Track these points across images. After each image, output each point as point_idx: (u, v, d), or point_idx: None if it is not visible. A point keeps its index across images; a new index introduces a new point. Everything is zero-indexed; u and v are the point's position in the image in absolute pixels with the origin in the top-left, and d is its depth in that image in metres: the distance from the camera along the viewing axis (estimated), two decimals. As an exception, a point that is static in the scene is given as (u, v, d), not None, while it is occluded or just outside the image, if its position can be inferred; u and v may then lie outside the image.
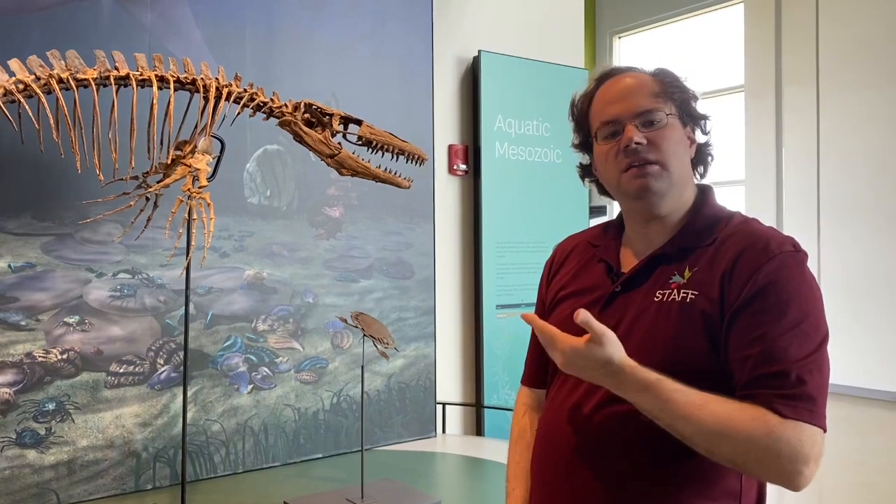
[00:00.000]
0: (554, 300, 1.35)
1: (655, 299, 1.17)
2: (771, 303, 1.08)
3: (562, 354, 1.07)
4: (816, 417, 1.04)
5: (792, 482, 1.03)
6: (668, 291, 1.16)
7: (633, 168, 1.18)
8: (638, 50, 5.87)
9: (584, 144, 1.32)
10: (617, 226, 1.34)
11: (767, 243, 1.12)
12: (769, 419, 1.03)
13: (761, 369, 1.06)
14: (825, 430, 1.05)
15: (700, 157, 1.27)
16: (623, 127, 1.19)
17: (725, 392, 1.08)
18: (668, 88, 1.21)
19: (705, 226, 1.20)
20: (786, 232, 1.18)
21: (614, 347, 1.06)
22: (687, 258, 1.18)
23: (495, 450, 2.72)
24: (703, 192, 1.26)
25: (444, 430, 3.01)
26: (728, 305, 1.11)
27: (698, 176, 1.28)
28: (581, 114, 1.29)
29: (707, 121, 1.26)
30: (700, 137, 1.26)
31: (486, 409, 3.24)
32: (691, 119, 1.24)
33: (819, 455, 1.04)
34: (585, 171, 1.36)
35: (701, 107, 1.25)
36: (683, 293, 1.14)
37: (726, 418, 1.04)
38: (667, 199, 1.21)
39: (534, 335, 1.46)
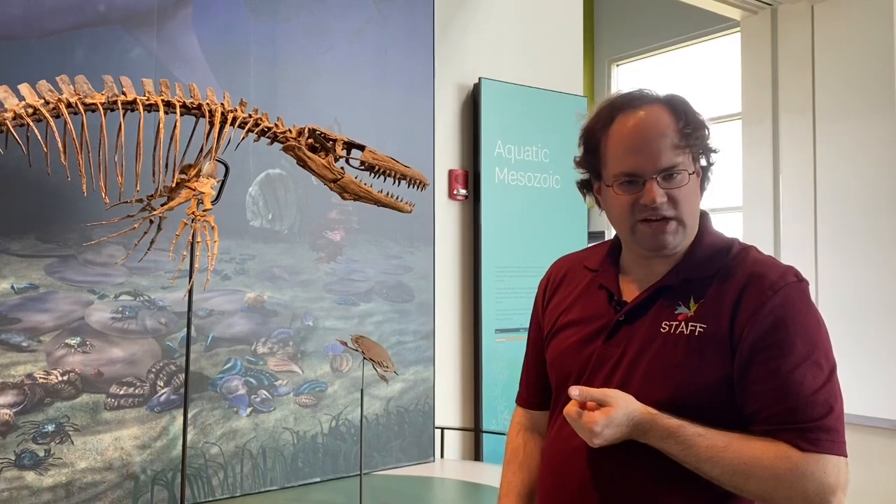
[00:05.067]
0: (554, 327, 1.33)
1: (662, 330, 1.16)
2: (780, 337, 1.09)
3: (591, 433, 1.08)
4: (837, 447, 1.06)
5: None
6: (675, 323, 1.16)
7: (650, 221, 1.16)
8: (636, 77, 5.94)
9: (590, 167, 1.26)
10: (613, 250, 1.31)
11: (771, 276, 1.13)
12: (791, 455, 1.04)
13: (778, 405, 1.07)
14: (846, 457, 1.07)
15: (702, 180, 1.24)
16: (643, 181, 1.14)
17: (733, 426, 1.09)
18: (691, 137, 1.16)
19: (706, 256, 1.20)
20: (783, 258, 1.19)
21: (626, 400, 1.08)
22: (691, 289, 1.17)
23: (494, 475, 2.70)
24: (702, 220, 1.25)
25: (442, 455, 3.00)
26: (736, 340, 1.11)
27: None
28: (594, 142, 1.22)
29: (716, 152, 1.23)
30: (703, 162, 1.23)
31: (484, 434, 3.23)
32: (704, 155, 1.21)
33: (846, 483, 1.06)
34: (587, 186, 1.30)
35: (713, 139, 1.21)
36: (692, 326, 1.14)
37: (750, 458, 1.05)
38: (682, 245, 1.20)
39: (528, 355, 1.46)
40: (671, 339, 1.15)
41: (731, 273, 1.16)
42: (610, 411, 1.07)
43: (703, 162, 1.22)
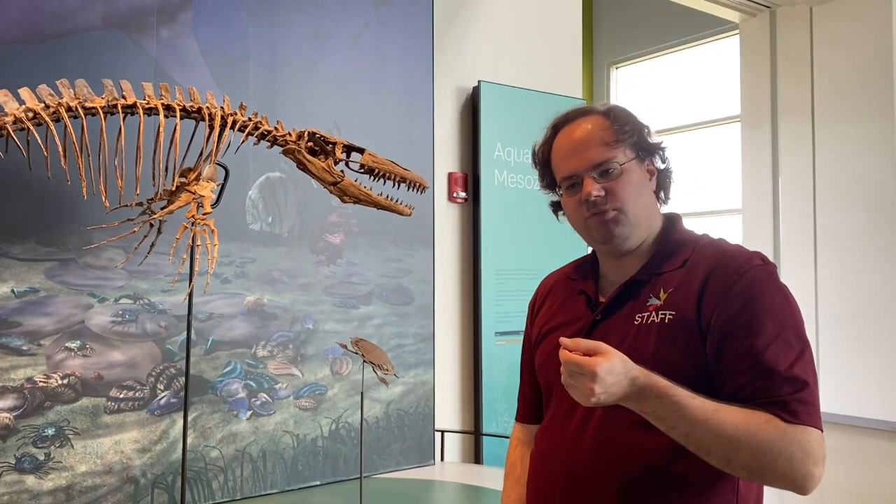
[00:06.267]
0: (539, 335, 1.39)
1: (636, 322, 1.20)
2: (750, 318, 1.11)
3: (592, 376, 1.00)
4: (816, 419, 1.07)
5: (804, 485, 1.05)
6: (646, 314, 1.20)
7: (595, 217, 1.25)
8: (634, 80, 5.94)
9: (552, 186, 1.37)
10: (592, 260, 1.39)
11: (736, 261, 1.17)
12: (777, 423, 1.06)
13: (754, 383, 1.09)
14: (823, 432, 1.09)
15: (660, 182, 1.32)
16: (581, 180, 1.24)
17: None
18: (620, 133, 1.25)
19: (674, 250, 1.25)
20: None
21: (620, 354, 1.05)
22: (660, 281, 1.22)
23: (494, 478, 2.71)
24: (671, 221, 1.31)
25: (442, 458, 3.00)
26: (705, 323, 1.14)
27: (662, 200, 1.33)
28: (544, 161, 1.34)
29: (664, 150, 1.31)
30: (659, 164, 1.31)
31: (484, 437, 3.23)
32: (648, 153, 1.29)
33: (825, 456, 1.07)
34: (557, 207, 1.41)
35: (655, 137, 1.30)
36: (662, 314, 1.18)
37: (742, 422, 1.05)
38: (632, 238, 1.26)
39: (523, 372, 1.50)
40: (644, 328, 1.19)
41: (699, 261, 1.21)
42: (610, 356, 1.03)
43: (660, 164, 1.30)
